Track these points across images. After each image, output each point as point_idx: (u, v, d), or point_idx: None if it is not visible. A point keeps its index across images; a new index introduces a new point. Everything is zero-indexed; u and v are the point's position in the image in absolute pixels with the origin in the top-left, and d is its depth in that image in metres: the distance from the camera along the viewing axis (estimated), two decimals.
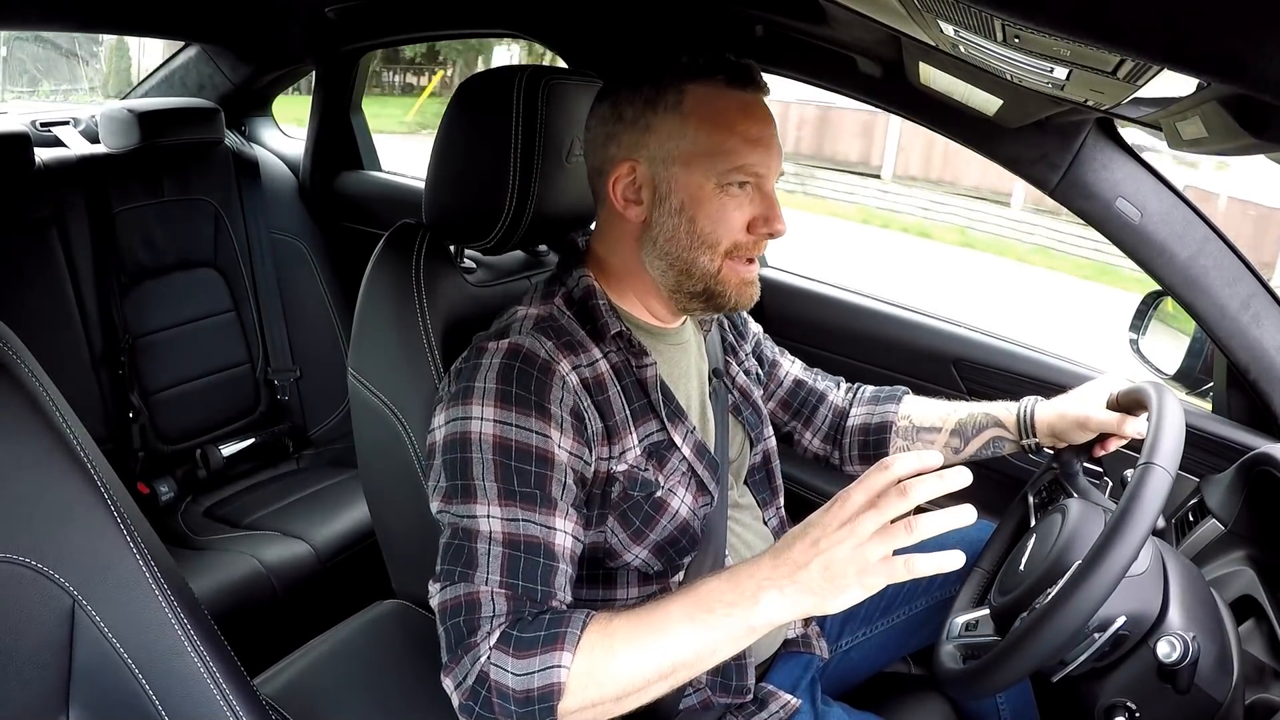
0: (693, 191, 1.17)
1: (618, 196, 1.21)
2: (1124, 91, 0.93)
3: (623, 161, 1.20)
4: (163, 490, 2.38)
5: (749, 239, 1.19)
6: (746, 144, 1.16)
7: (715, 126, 1.16)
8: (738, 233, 1.19)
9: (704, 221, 1.18)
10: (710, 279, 1.20)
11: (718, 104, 1.16)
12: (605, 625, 1.01)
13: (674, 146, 1.17)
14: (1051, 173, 1.58)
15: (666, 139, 1.17)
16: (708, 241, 1.18)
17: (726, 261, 1.20)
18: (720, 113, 1.16)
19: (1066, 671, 1.09)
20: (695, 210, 1.17)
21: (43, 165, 2.30)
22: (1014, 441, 1.44)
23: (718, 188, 1.16)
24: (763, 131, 1.17)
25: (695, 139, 1.16)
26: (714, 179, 1.16)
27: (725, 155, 1.15)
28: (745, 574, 0.98)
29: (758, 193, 1.19)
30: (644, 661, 0.99)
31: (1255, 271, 1.52)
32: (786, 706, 1.30)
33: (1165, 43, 0.58)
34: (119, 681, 0.93)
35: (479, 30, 2.44)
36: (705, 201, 1.17)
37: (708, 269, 1.20)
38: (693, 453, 1.25)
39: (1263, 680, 1.14)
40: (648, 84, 1.18)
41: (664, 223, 1.19)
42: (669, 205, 1.19)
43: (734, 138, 1.16)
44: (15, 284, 2.19)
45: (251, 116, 2.98)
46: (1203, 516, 1.45)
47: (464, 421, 1.12)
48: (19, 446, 0.91)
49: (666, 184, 1.18)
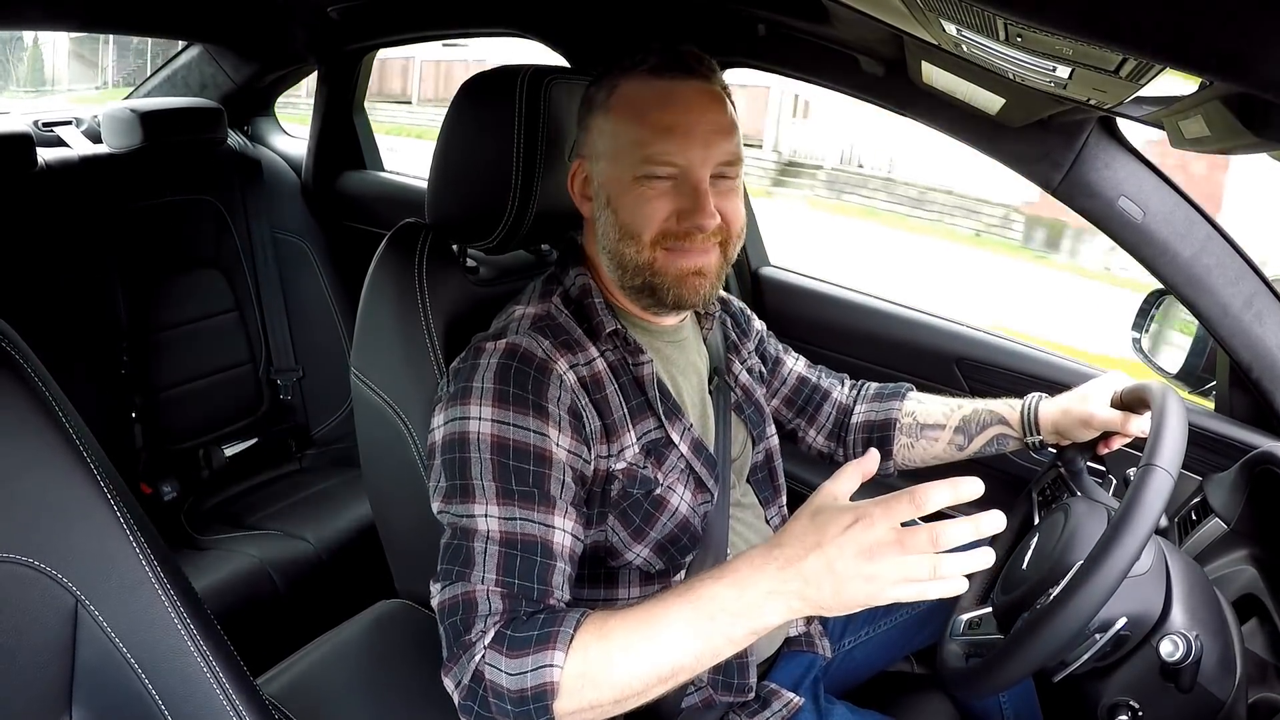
0: (613, 185, 1.19)
1: (575, 195, 1.26)
2: (1126, 90, 0.93)
3: (577, 160, 1.25)
4: (166, 490, 2.38)
5: (679, 228, 1.18)
6: (658, 133, 1.15)
7: (630, 118, 1.17)
8: (659, 223, 1.18)
9: (624, 213, 1.19)
10: (645, 271, 1.20)
11: (636, 96, 1.18)
12: (601, 626, 1.00)
13: (603, 144, 1.20)
14: (1054, 172, 1.58)
15: (598, 136, 1.21)
16: (629, 232, 1.19)
17: (660, 252, 1.19)
18: (637, 104, 1.18)
19: (1069, 670, 1.09)
20: (617, 203, 1.19)
21: (45, 165, 2.30)
22: (1018, 438, 1.44)
23: (634, 179, 1.17)
24: (679, 119, 1.16)
25: (615, 134, 1.18)
26: (630, 171, 1.17)
27: (638, 146, 1.16)
28: (749, 580, 0.94)
29: (684, 183, 1.17)
30: (643, 666, 0.97)
31: (1258, 270, 1.52)
32: (790, 705, 1.30)
33: (1167, 42, 0.58)
34: (122, 681, 0.93)
35: (481, 29, 2.44)
36: (624, 193, 1.18)
37: (636, 260, 1.19)
38: (690, 450, 1.25)
39: (1265, 679, 1.14)
40: (593, 85, 1.23)
41: (600, 217, 1.23)
42: (600, 200, 1.22)
43: (645, 128, 1.16)
44: (18, 284, 2.19)
45: (254, 116, 2.98)
46: (1205, 515, 1.45)
47: (462, 421, 1.12)
48: (22, 446, 0.91)
49: (598, 180, 1.22)
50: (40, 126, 2.51)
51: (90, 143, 2.51)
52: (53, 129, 2.53)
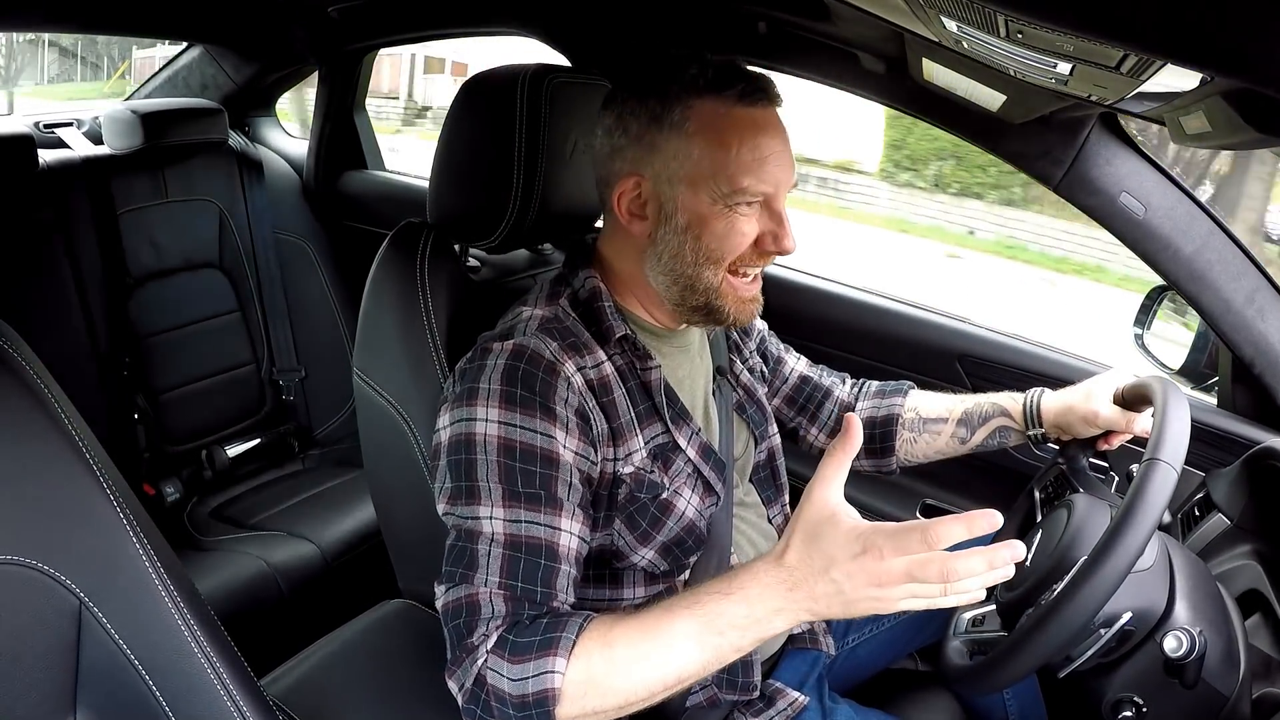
0: (699, 211, 1.15)
1: (623, 211, 1.20)
2: (1127, 86, 0.93)
3: (628, 176, 1.18)
4: (169, 491, 2.39)
5: (753, 253, 1.18)
6: (753, 163, 1.13)
7: (721, 147, 1.13)
8: (743, 249, 1.17)
9: (709, 239, 1.16)
10: (712, 294, 1.19)
11: (724, 123, 1.13)
12: (605, 635, 1.00)
13: (679, 166, 1.14)
14: (1055, 168, 1.58)
15: (671, 159, 1.15)
16: (712, 258, 1.17)
17: (729, 277, 1.19)
18: (725, 132, 1.13)
19: (1073, 667, 1.09)
20: (701, 229, 1.16)
21: (46, 166, 2.30)
22: (1020, 432, 1.44)
23: (724, 208, 1.14)
24: (770, 149, 1.14)
25: (700, 160, 1.13)
26: (719, 197, 1.14)
27: (729, 178, 1.13)
28: (757, 597, 0.95)
29: (766, 210, 1.17)
30: (649, 676, 0.98)
31: (1260, 266, 1.52)
32: (794, 704, 1.30)
33: (1168, 37, 0.58)
34: (126, 682, 0.93)
35: (482, 29, 2.44)
36: (711, 221, 1.15)
37: (711, 284, 1.18)
38: (698, 454, 1.25)
39: (1269, 674, 1.14)
40: (654, 98, 1.15)
41: (669, 240, 1.18)
42: (674, 224, 1.17)
43: (740, 158, 1.13)
44: (20, 286, 2.20)
45: (255, 117, 2.98)
46: (1208, 511, 1.45)
47: (469, 423, 1.12)
48: (25, 449, 0.91)
49: (672, 203, 1.16)
50: (41, 128, 2.52)
51: (91, 144, 2.51)
52: (54, 130, 2.53)
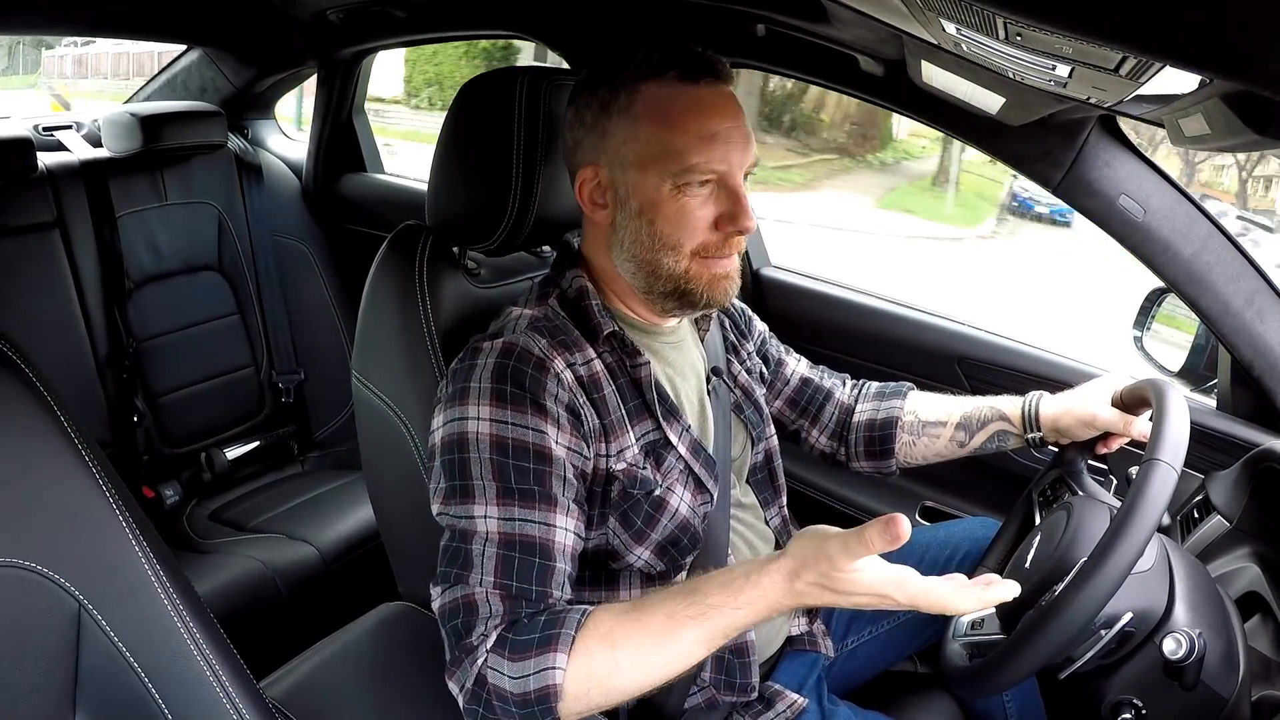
0: (649, 195, 1.16)
1: (585, 201, 1.22)
2: (1126, 89, 0.93)
3: (586, 166, 1.20)
4: (168, 494, 2.38)
5: (716, 237, 1.17)
6: (700, 142, 1.13)
7: (665, 126, 1.14)
8: (702, 233, 1.17)
9: (663, 224, 1.16)
10: (679, 279, 1.19)
11: (669, 103, 1.14)
12: (607, 632, 1.01)
13: (629, 150, 1.16)
14: (1055, 170, 1.58)
15: (621, 143, 1.16)
16: (669, 244, 1.17)
17: (696, 261, 1.18)
18: (671, 111, 1.14)
19: (1072, 669, 1.09)
20: (654, 214, 1.16)
21: (45, 169, 2.30)
22: (1018, 435, 1.44)
23: (674, 189, 1.14)
24: (719, 126, 1.14)
25: (647, 141, 1.14)
26: (669, 180, 1.14)
27: (677, 156, 1.13)
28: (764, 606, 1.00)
29: (721, 189, 1.16)
30: (652, 673, 1.01)
31: (1259, 268, 1.52)
32: (794, 706, 1.30)
33: (1167, 39, 0.58)
34: (125, 685, 0.93)
35: (481, 32, 2.44)
36: (663, 204, 1.15)
37: (674, 270, 1.18)
38: (689, 451, 1.25)
39: (1269, 676, 1.14)
40: (604, 86, 1.17)
41: (627, 226, 1.19)
42: (629, 209, 1.18)
43: (685, 136, 1.13)
44: (18, 288, 2.20)
45: (254, 119, 2.98)
46: (1208, 513, 1.45)
47: (461, 422, 1.12)
48: (24, 451, 0.91)
49: (625, 188, 1.17)
50: (40, 130, 2.52)
51: (90, 146, 2.51)
52: (53, 133, 2.54)
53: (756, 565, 1.00)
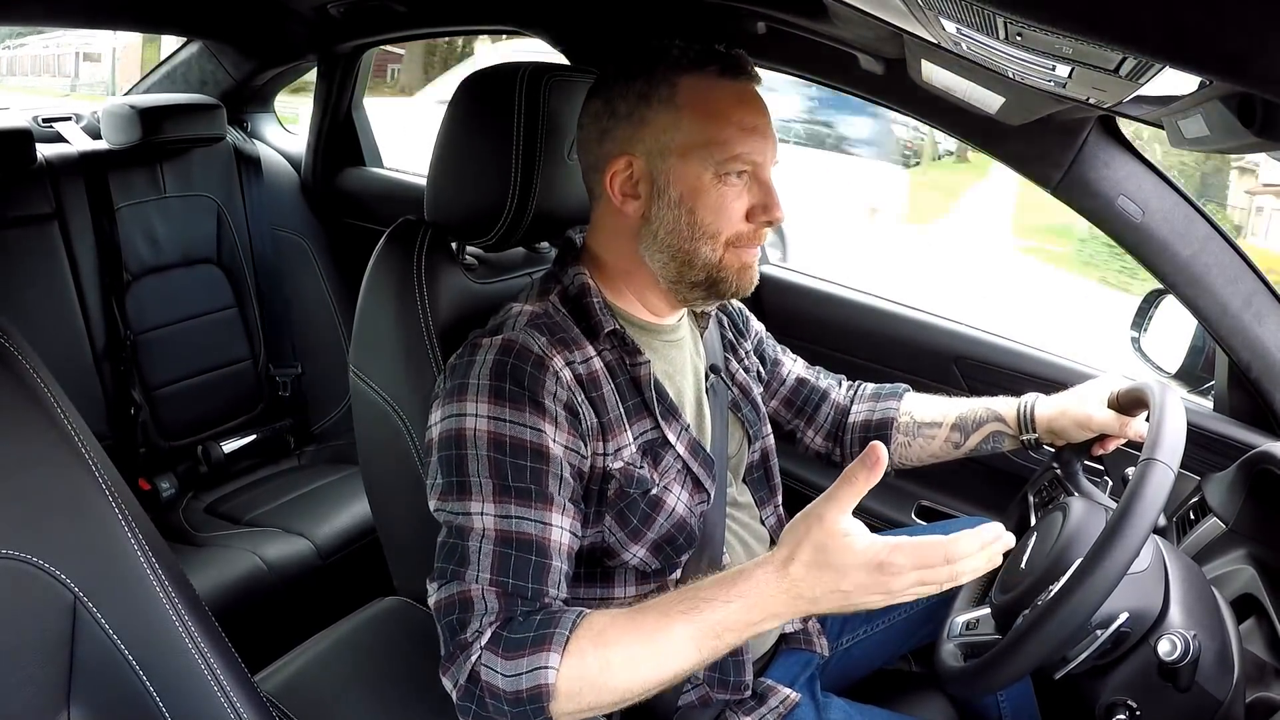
0: (691, 183, 1.18)
1: (615, 192, 1.22)
2: (1126, 89, 0.93)
3: (619, 156, 1.20)
4: (164, 486, 2.38)
5: (749, 228, 1.20)
6: (742, 133, 1.17)
7: (710, 117, 1.16)
8: (737, 222, 1.19)
9: (703, 213, 1.18)
10: (713, 268, 1.21)
11: (711, 94, 1.17)
12: (600, 633, 1.00)
13: (669, 139, 1.17)
14: (1054, 171, 1.58)
15: (662, 132, 1.18)
16: (709, 232, 1.19)
17: (729, 250, 1.20)
18: (714, 103, 1.17)
19: (1067, 669, 1.09)
20: (694, 201, 1.18)
21: (44, 161, 2.30)
22: (1013, 436, 1.44)
23: (715, 178, 1.17)
24: (757, 120, 1.18)
25: (690, 130, 1.17)
26: (711, 169, 1.17)
27: (721, 145, 1.16)
28: (760, 605, 0.97)
29: (755, 181, 1.19)
30: (645, 676, 0.99)
31: (1257, 270, 1.52)
32: (786, 701, 1.30)
33: (1167, 40, 0.58)
34: (120, 678, 0.93)
35: (481, 27, 2.44)
36: (704, 192, 1.18)
37: (709, 258, 1.20)
38: (687, 450, 1.25)
39: (1263, 679, 1.14)
40: (640, 78, 1.19)
41: (663, 216, 1.20)
42: (668, 198, 1.19)
43: (729, 127, 1.16)
44: (17, 280, 2.20)
45: (253, 112, 2.97)
46: (1204, 515, 1.45)
47: (459, 418, 1.12)
48: (21, 443, 0.91)
49: (664, 176, 1.19)
50: (40, 122, 2.51)
51: (90, 138, 2.50)
52: (52, 125, 2.53)
53: (753, 562, 1.00)
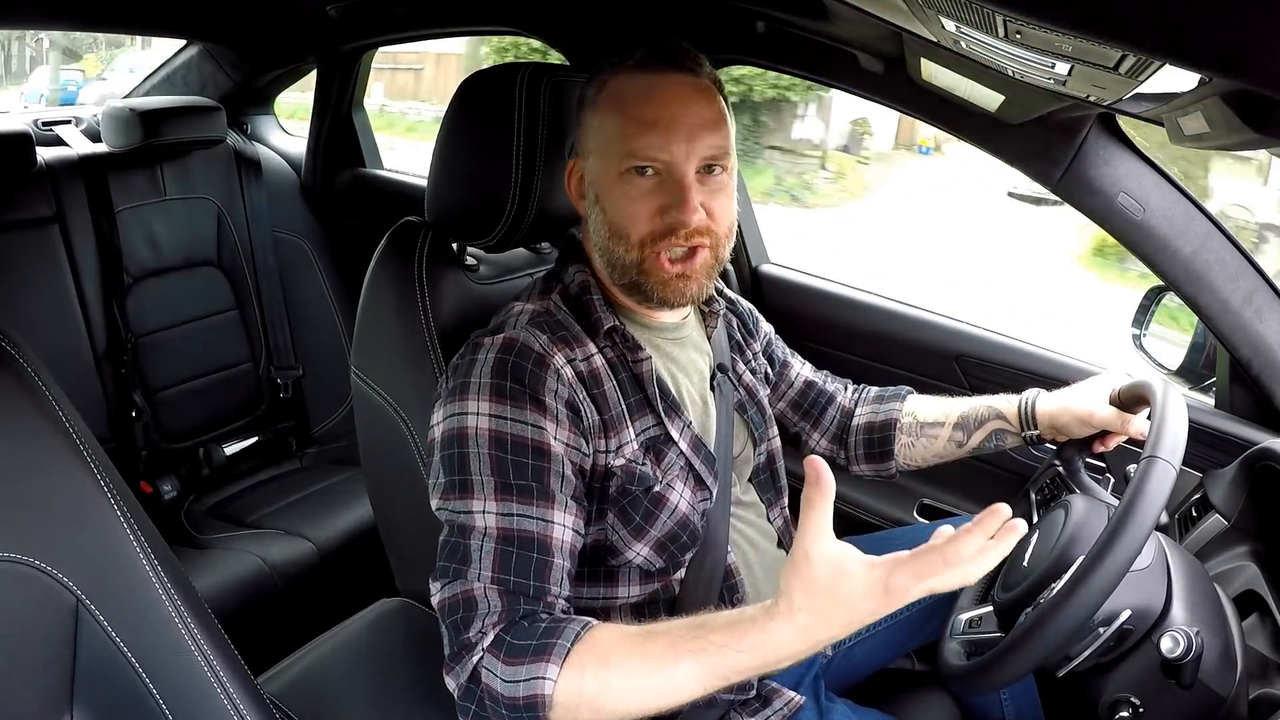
0: (601, 182, 1.19)
1: (572, 193, 1.27)
2: (1125, 87, 0.93)
3: (573, 159, 1.25)
4: (166, 489, 2.39)
5: (662, 225, 1.16)
6: (640, 127, 1.14)
7: (614, 112, 1.17)
8: (644, 222, 1.16)
9: (610, 211, 1.18)
10: (632, 270, 1.19)
11: (620, 89, 1.18)
12: (604, 652, 0.99)
13: (592, 140, 1.20)
14: (1054, 168, 1.58)
15: (588, 134, 1.21)
16: (617, 231, 1.18)
17: (647, 252, 1.18)
18: (621, 98, 1.17)
19: (1070, 667, 1.09)
20: (604, 200, 1.19)
21: (45, 164, 2.30)
22: (1015, 433, 1.44)
23: (619, 175, 1.16)
24: (660, 113, 1.14)
25: (601, 130, 1.18)
26: (615, 166, 1.17)
27: (620, 140, 1.15)
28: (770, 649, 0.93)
29: (669, 179, 1.16)
30: (645, 702, 0.98)
31: (1258, 266, 1.52)
32: (791, 704, 1.30)
33: (1167, 38, 0.58)
34: (123, 680, 0.93)
35: (481, 28, 2.44)
36: (609, 190, 1.18)
37: (625, 259, 1.19)
38: (689, 447, 1.25)
39: (1266, 675, 1.14)
40: (586, 83, 1.22)
41: (591, 216, 1.22)
42: (590, 198, 1.22)
43: (628, 122, 1.15)
44: (18, 283, 2.20)
45: (253, 115, 2.97)
46: (1206, 512, 1.45)
47: (460, 417, 1.12)
48: (23, 446, 0.91)
49: (589, 177, 1.21)
50: (40, 125, 2.52)
51: (90, 141, 2.51)
52: (52, 128, 2.54)
53: (763, 609, 0.95)
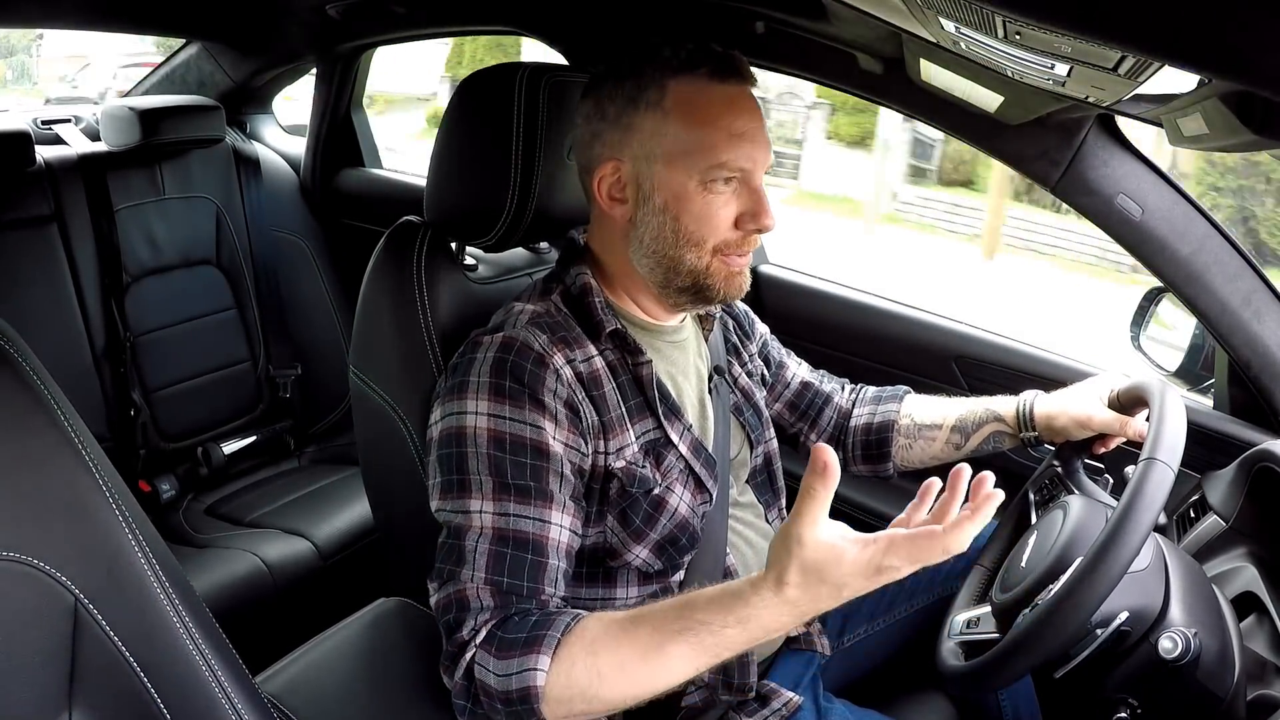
0: (675, 190, 1.16)
1: (603, 195, 1.21)
2: (1125, 88, 0.93)
3: (607, 161, 1.19)
4: (164, 488, 2.38)
5: (736, 235, 1.18)
6: (729, 139, 1.14)
7: (697, 123, 1.14)
8: (724, 230, 1.17)
9: (688, 220, 1.16)
10: (699, 275, 1.19)
11: (699, 99, 1.15)
12: (592, 641, 1.00)
13: (656, 145, 1.15)
14: (1053, 169, 1.58)
15: (649, 137, 1.16)
16: (693, 240, 1.17)
17: (716, 257, 1.19)
18: (702, 108, 1.15)
19: (1068, 667, 1.09)
20: (679, 209, 1.16)
21: (44, 163, 2.30)
22: (1013, 435, 1.44)
23: (701, 185, 1.15)
24: (747, 125, 1.15)
25: (677, 136, 1.14)
26: (696, 176, 1.15)
27: (707, 152, 1.14)
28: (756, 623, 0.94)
29: (744, 187, 1.17)
30: (637, 691, 0.99)
31: (1256, 267, 1.52)
32: (789, 704, 1.30)
33: (1166, 39, 0.58)
34: (121, 680, 0.93)
35: (480, 28, 2.44)
36: (689, 200, 1.16)
37: (695, 265, 1.19)
38: (689, 450, 1.25)
39: (1264, 676, 1.14)
40: (630, 80, 1.17)
41: (649, 221, 1.18)
42: (653, 204, 1.18)
43: (717, 133, 1.14)
44: (17, 282, 2.19)
45: (252, 114, 2.97)
46: (1204, 513, 1.45)
47: (459, 416, 1.12)
48: (21, 444, 0.91)
49: (650, 182, 1.17)
50: (39, 124, 2.51)
51: (89, 140, 2.50)
52: (51, 127, 2.53)
53: (749, 583, 0.96)
